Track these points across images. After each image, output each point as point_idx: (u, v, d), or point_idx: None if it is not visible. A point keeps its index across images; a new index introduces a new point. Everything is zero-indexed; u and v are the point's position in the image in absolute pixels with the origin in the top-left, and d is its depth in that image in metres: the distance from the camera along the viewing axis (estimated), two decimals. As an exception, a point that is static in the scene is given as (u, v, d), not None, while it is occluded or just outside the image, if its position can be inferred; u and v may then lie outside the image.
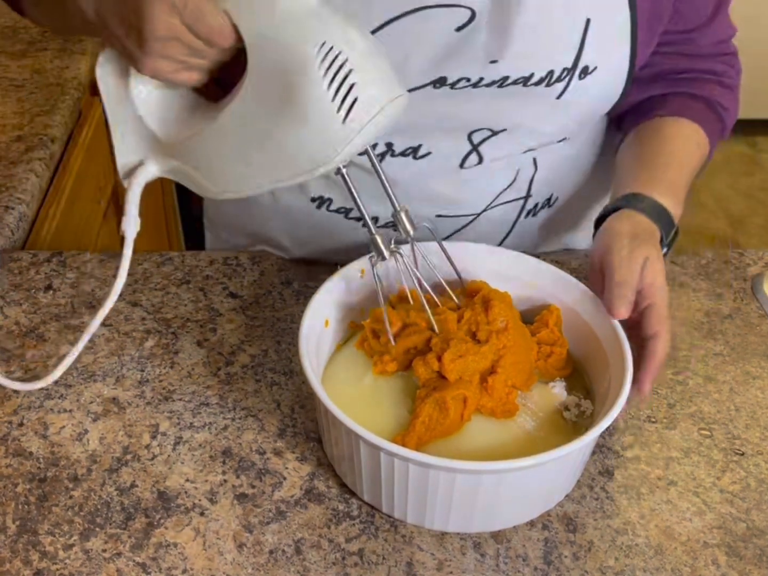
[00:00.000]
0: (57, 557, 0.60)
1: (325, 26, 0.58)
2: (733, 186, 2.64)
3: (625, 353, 0.64)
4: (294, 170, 0.61)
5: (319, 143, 0.59)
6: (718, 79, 0.87)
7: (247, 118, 0.60)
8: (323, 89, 0.57)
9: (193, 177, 0.65)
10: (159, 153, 0.66)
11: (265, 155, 0.61)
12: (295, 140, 0.59)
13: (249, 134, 0.61)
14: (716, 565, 0.61)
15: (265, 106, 0.59)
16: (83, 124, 1.22)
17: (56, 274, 0.84)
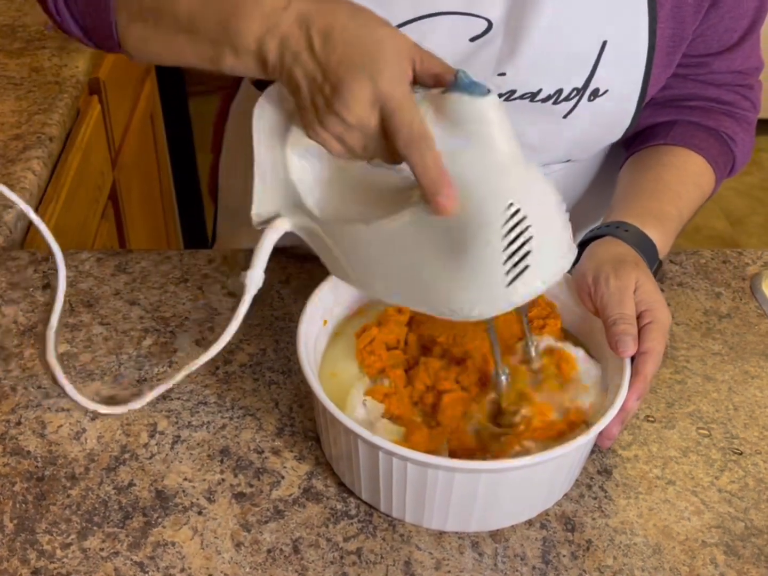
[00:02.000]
0: (54, 556, 0.60)
1: (517, 184, 0.55)
2: (732, 185, 2.64)
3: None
4: (436, 307, 0.59)
5: (472, 296, 0.56)
6: (728, 109, 0.84)
7: (408, 239, 0.58)
8: (499, 250, 0.54)
9: (330, 251, 0.63)
10: (299, 213, 0.63)
11: (412, 279, 0.59)
12: (449, 283, 0.57)
13: (405, 252, 0.58)
14: (714, 564, 0.61)
15: (431, 236, 0.56)
16: (81, 123, 1.22)
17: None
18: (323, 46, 0.56)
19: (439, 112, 0.54)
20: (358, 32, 0.56)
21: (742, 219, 2.52)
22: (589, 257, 0.70)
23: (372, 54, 0.55)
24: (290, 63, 0.57)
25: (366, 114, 0.55)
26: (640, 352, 0.63)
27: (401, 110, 0.54)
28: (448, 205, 0.54)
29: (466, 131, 0.54)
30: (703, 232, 2.46)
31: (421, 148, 0.54)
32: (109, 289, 0.82)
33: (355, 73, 0.55)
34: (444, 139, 0.54)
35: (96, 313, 0.79)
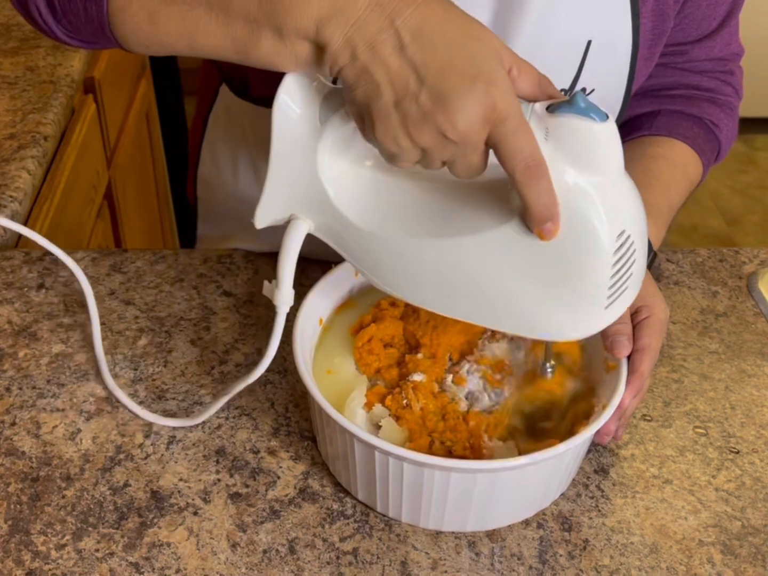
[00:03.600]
0: (49, 557, 0.60)
1: (626, 209, 0.53)
2: (728, 184, 2.64)
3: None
4: (523, 329, 0.57)
5: (570, 319, 0.55)
6: (710, 96, 0.84)
7: (494, 258, 0.54)
8: (607, 277, 0.53)
9: (369, 258, 0.58)
10: (322, 212, 0.57)
11: (495, 299, 0.56)
12: (544, 307, 0.54)
13: (488, 272, 0.55)
14: (711, 563, 0.61)
15: (523, 257, 0.53)
16: (76, 122, 1.22)
17: (49, 273, 0.83)
18: (417, 43, 0.48)
19: (548, 131, 0.50)
20: (460, 28, 0.49)
21: (739, 218, 2.52)
22: None
23: (483, 59, 0.49)
24: (367, 59, 0.48)
25: (474, 131, 0.48)
26: (636, 349, 0.63)
27: (519, 132, 0.49)
28: (553, 232, 0.51)
29: (578, 155, 0.50)
30: (699, 231, 2.46)
31: (537, 176, 0.49)
32: (104, 289, 0.81)
33: (465, 82, 0.48)
34: (551, 160, 0.50)
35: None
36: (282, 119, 0.55)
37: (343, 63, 0.49)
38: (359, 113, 0.51)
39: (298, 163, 0.56)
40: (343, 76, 0.50)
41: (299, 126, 0.55)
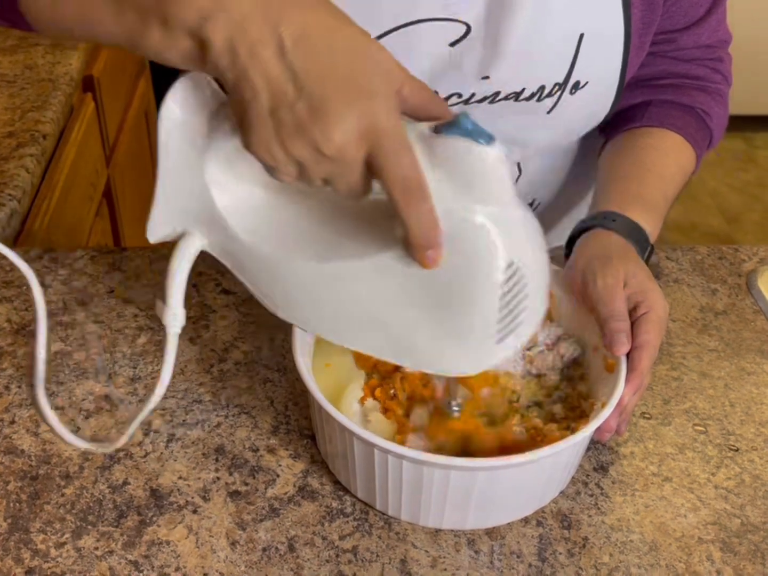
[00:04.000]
0: (49, 555, 0.59)
1: (516, 239, 0.50)
2: (728, 182, 2.64)
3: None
4: (403, 356, 0.54)
5: (457, 353, 0.53)
6: (700, 84, 0.84)
7: (375, 284, 0.51)
8: (495, 310, 0.50)
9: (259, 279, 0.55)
10: (215, 230, 0.54)
11: (377, 327, 0.53)
12: (428, 337, 0.52)
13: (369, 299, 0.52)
14: (711, 560, 0.61)
15: (406, 285, 0.51)
16: (75, 120, 1.22)
17: (48, 271, 0.83)
18: (299, 50, 0.45)
19: (432, 153, 0.47)
20: (346, 39, 0.46)
21: (738, 216, 2.52)
22: (578, 254, 0.70)
23: (366, 73, 0.46)
24: (246, 62, 0.45)
25: (350, 148, 0.46)
26: (635, 345, 0.63)
27: (399, 152, 0.46)
28: (436, 260, 0.48)
29: (463, 179, 0.48)
30: (699, 229, 2.46)
31: (416, 200, 0.47)
32: (104, 287, 0.81)
33: (344, 95, 0.45)
34: (434, 183, 0.47)
35: (90, 312, 0.79)
36: (168, 127, 0.51)
37: (224, 64, 0.46)
38: (239, 120, 0.48)
39: (186, 175, 0.52)
40: (225, 79, 0.47)
41: (186, 135, 0.51)
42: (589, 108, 0.79)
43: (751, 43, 2.50)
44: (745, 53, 2.62)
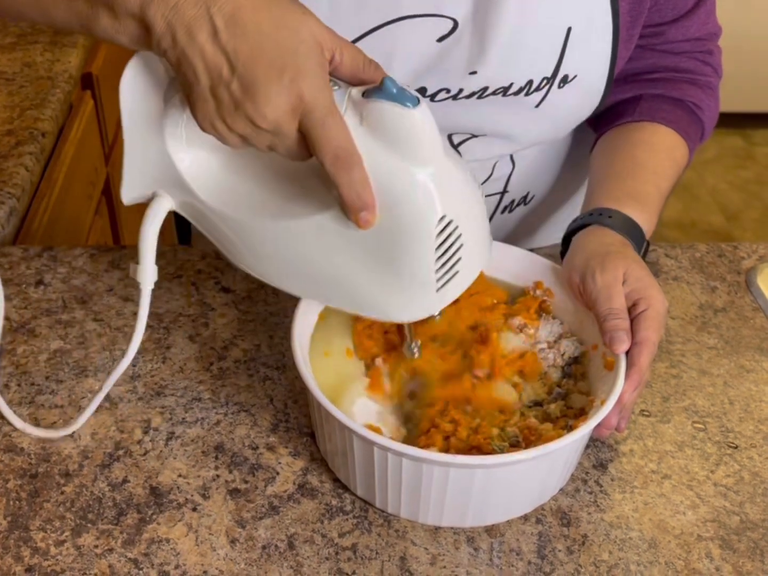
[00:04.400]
0: (48, 553, 0.60)
1: (448, 193, 0.54)
2: (727, 179, 2.64)
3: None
4: (361, 308, 0.59)
5: (401, 302, 0.57)
6: (691, 77, 0.84)
7: (325, 240, 0.55)
8: (432, 261, 0.55)
9: (224, 236, 0.60)
10: (181, 191, 0.58)
11: (331, 280, 0.58)
12: (376, 288, 0.57)
13: (321, 253, 0.56)
14: (710, 558, 0.61)
15: (352, 241, 0.55)
16: (74, 118, 1.22)
17: (47, 269, 0.83)
18: (230, 31, 0.48)
19: (362, 117, 0.51)
20: (273, 17, 0.48)
21: (738, 214, 2.52)
22: (576, 251, 0.70)
23: (292, 50, 0.48)
24: (184, 42, 0.48)
25: (283, 122, 0.49)
26: (635, 342, 0.63)
27: (327, 123, 0.49)
28: (370, 221, 0.52)
29: (393, 141, 0.51)
30: (698, 226, 2.46)
31: (347, 166, 0.50)
32: (103, 285, 0.81)
33: (272, 74, 0.48)
34: (367, 146, 0.51)
35: (89, 310, 0.79)
36: (129, 96, 0.55)
37: (165, 46, 0.50)
38: (186, 95, 0.52)
39: (148, 140, 0.56)
40: (168, 59, 0.50)
41: (146, 103, 0.55)
42: (577, 102, 0.79)
43: (750, 40, 2.50)
44: (744, 50, 2.63)
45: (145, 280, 0.60)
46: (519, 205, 0.89)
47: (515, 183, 0.87)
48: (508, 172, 0.85)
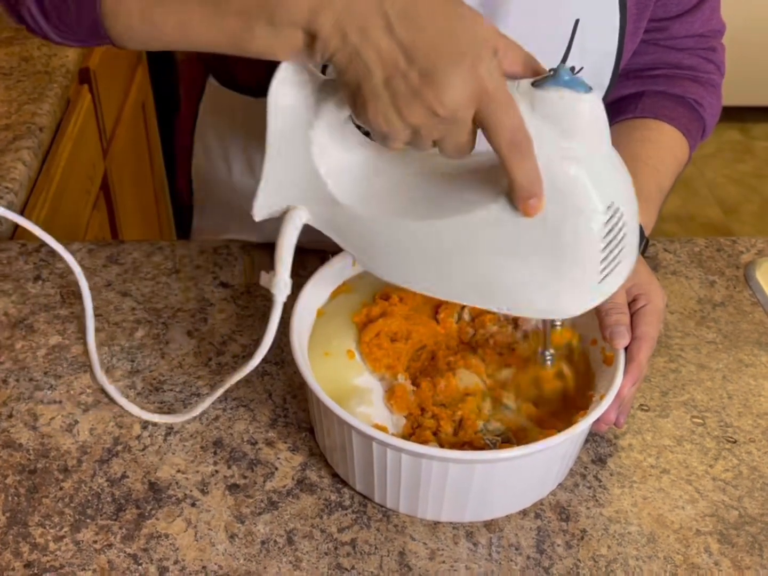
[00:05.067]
0: (47, 549, 0.60)
1: (615, 181, 0.53)
2: (725, 173, 2.64)
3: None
4: (511, 306, 0.57)
5: (564, 296, 0.55)
6: (693, 74, 0.84)
7: (485, 237, 0.54)
8: (598, 251, 0.53)
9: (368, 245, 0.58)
10: (320, 203, 0.58)
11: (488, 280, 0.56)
12: (538, 284, 0.55)
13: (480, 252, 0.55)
14: (708, 552, 0.61)
15: (513, 235, 0.54)
16: (72, 113, 1.21)
17: (45, 264, 0.83)
18: (404, 24, 0.49)
19: (533, 106, 0.51)
20: (446, 12, 0.50)
21: (736, 207, 2.52)
22: None
23: (469, 39, 0.50)
24: (357, 42, 0.50)
25: (462, 108, 0.49)
26: (634, 337, 0.63)
27: (505, 109, 0.50)
28: (538, 208, 0.52)
29: (564, 128, 0.51)
30: (696, 220, 2.46)
31: (522, 152, 0.50)
32: (101, 281, 0.81)
33: (453, 61, 0.49)
34: (536, 134, 0.51)
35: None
36: (276, 110, 0.55)
37: (334, 48, 0.50)
38: (352, 96, 0.52)
39: (293, 154, 0.57)
40: (335, 61, 0.51)
41: (293, 116, 0.55)
42: None
43: (749, 33, 2.50)
44: (742, 44, 2.62)
45: (280, 292, 0.60)
46: None
47: None
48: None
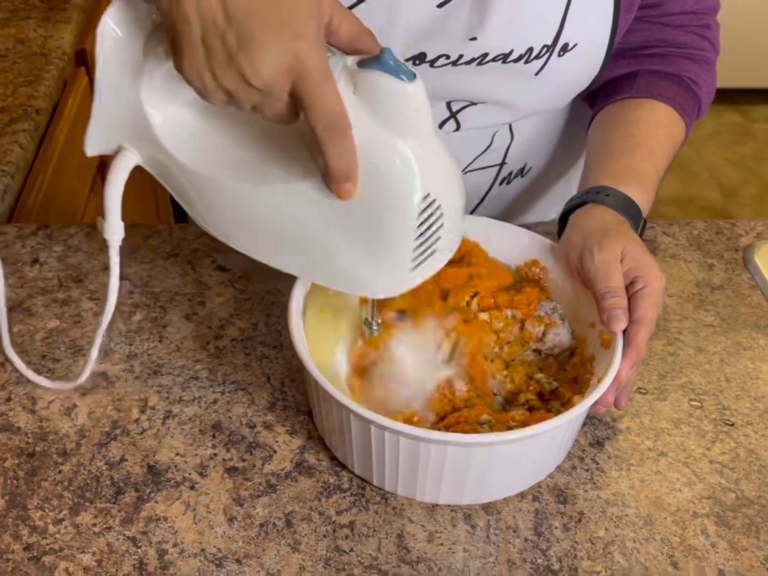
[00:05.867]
0: (47, 532, 0.60)
1: (433, 172, 0.53)
2: (725, 156, 2.63)
3: None
4: (333, 282, 0.58)
5: (375, 278, 0.56)
6: (687, 52, 0.83)
7: (303, 208, 0.54)
8: (411, 238, 0.54)
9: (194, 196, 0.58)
10: (150, 146, 0.56)
11: (305, 250, 0.57)
12: (348, 261, 0.56)
13: (299, 221, 0.55)
14: (705, 534, 0.61)
15: (331, 211, 0.54)
16: (68, 95, 1.21)
17: (42, 248, 0.83)
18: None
19: (356, 87, 0.50)
20: None
21: (735, 190, 2.52)
22: (573, 230, 0.69)
23: (292, 7, 0.47)
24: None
25: (277, 82, 0.48)
26: (632, 320, 0.63)
27: (323, 88, 0.48)
28: (351, 192, 0.52)
29: (384, 114, 0.50)
30: (696, 202, 2.45)
31: (338, 136, 0.49)
32: (99, 264, 0.81)
33: (271, 29, 0.47)
34: (357, 116, 0.50)
35: (85, 288, 0.78)
36: (106, 44, 0.53)
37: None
38: (172, 45, 0.50)
39: (122, 91, 0.54)
40: (158, 4, 0.49)
41: (123, 53, 0.53)
42: (577, 71, 0.78)
43: (748, 15, 2.48)
44: (742, 26, 2.61)
45: (112, 236, 0.60)
46: (516, 177, 0.89)
47: (513, 154, 0.86)
48: (507, 143, 0.84)
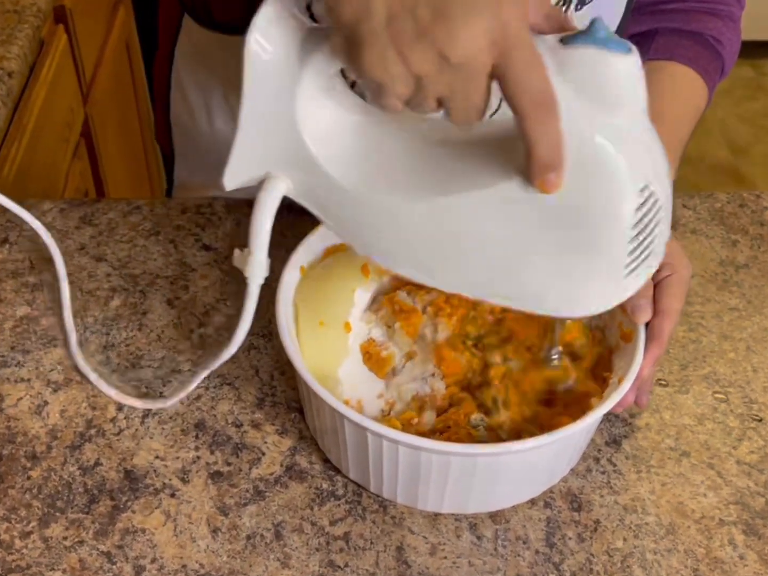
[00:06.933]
0: (13, 546, 0.55)
1: (653, 161, 0.45)
2: (736, 112, 2.55)
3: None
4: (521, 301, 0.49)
5: (585, 292, 0.48)
6: (710, 7, 0.77)
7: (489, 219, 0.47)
8: (627, 239, 0.45)
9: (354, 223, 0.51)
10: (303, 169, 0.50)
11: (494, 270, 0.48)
12: (548, 275, 0.47)
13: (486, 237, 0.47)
14: (733, 545, 0.56)
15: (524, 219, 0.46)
16: (46, 56, 1.13)
17: (13, 226, 0.76)
18: None
19: (560, 66, 0.43)
20: None
21: (746, 148, 2.44)
22: None
23: None
24: None
25: (479, 53, 0.41)
26: (657, 311, 0.58)
27: (531, 63, 0.42)
28: (556, 184, 0.44)
29: (596, 95, 0.43)
30: (705, 161, 2.38)
31: (547, 114, 0.42)
32: (74, 244, 0.75)
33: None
34: (564, 101, 0.42)
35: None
36: (254, 60, 0.47)
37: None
38: (345, 40, 0.43)
39: (273, 112, 0.49)
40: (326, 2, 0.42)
41: (274, 67, 0.47)
42: None
43: (764, -36, 2.38)
44: (759, -25, 2.50)
45: (255, 275, 0.53)
46: None
47: None
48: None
